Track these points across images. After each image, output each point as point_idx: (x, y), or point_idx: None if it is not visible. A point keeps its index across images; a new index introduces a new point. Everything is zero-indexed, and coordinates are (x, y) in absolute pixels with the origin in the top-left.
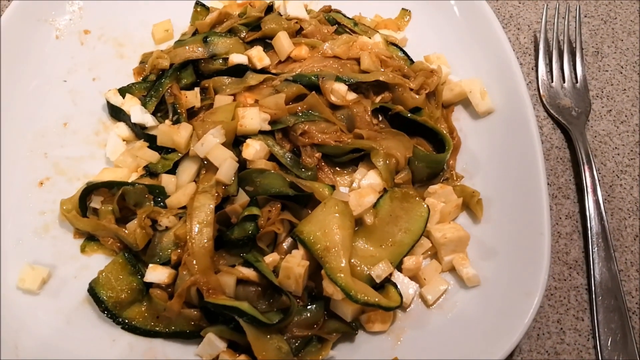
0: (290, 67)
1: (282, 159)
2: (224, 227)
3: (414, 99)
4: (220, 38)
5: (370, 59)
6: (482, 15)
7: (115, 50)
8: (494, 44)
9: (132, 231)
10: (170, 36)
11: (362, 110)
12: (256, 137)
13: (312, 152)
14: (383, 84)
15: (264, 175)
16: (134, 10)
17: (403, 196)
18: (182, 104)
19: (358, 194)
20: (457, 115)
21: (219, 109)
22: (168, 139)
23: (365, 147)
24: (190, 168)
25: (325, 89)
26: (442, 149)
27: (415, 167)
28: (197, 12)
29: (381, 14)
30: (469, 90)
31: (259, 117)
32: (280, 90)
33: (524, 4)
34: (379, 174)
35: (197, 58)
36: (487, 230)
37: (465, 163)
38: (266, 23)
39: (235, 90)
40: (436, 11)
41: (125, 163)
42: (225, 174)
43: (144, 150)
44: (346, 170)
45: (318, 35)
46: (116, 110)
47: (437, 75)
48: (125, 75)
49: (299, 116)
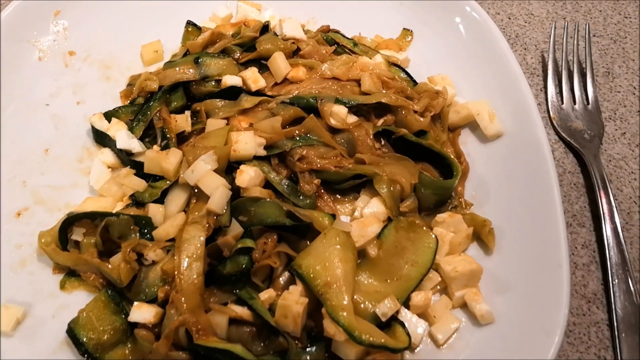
0: (287, 89)
1: (278, 186)
2: (216, 261)
3: (418, 122)
4: (213, 59)
5: (371, 80)
6: (488, 34)
7: (101, 72)
8: (502, 63)
9: (116, 266)
10: (160, 57)
11: (364, 133)
12: (251, 163)
13: (311, 179)
14: (385, 106)
15: (258, 204)
16: (122, 31)
17: (409, 226)
18: (172, 129)
19: (361, 223)
20: (464, 139)
21: (211, 134)
22: (156, 165)
23: (368, 173)
24: (180, 197)
25: (324, 112)
26: (449, 174)
27: (422, 194)
28: (189, 32)
29: (382, 34)
30: (477, 113)
31: (254, 142)
32: (277, 113)
33: (530, 24)
34: (383, 201)
35: (188, 80)
36: (500, 262)
37: (474, 190)
38: (261, 43)
39: (228, 113)
40: (440, 30)
41: (110, 192)
42: (216, 203)
43: (130, 178)
44: (347, 198)
45: (316, 55)
46: (101, 136)
47: (442, 96)
48: (112, 99)
49: (296, 140)
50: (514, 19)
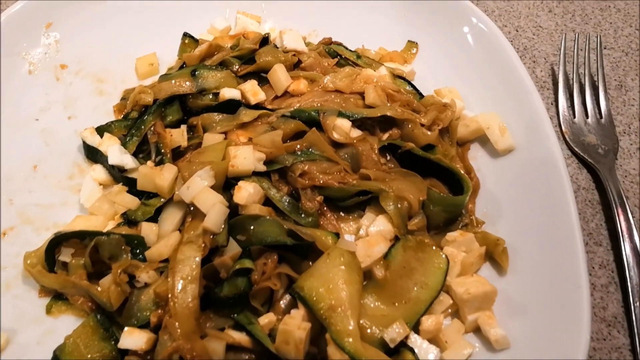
0: (287, 102)
1: (279, 204)
2: (212, 283)
3: (425, 136)
4: (211, 71)
5: (375, 93)
6: (496, 45)
7: (94, 86)
8: (512, 75)
9: (105, 288)
10: (156, 70)
11: (368, 148)
12: (249, 179)
13: (313, 196)
14: (391, 119)
15: (258, 222)
16: (116, 43)
17: (418, 245)
18: (167, 144)
19: (366, 242)
20: (474, 154)
21: (208, 148)
22: (149, 182)
23: (373, 189)
24: (174, 215)
25: (326, 126)
26: (459, 191)
27: (431, 212)
28: (185, 45)
29: (386, 46)
30: (487, 126)
31: (253, 157)
32: (277, 127)
33: (538, 36)
34: (390, 219)
35: (184, 93)
36: (515, 283)
37: (485, 207)
38: (261, 55)
39: (226, 127)
40: (446, 42)
41: (101, 210)
42: (213, 222)
43: (123, 196)
44: (352, 216)
45: (318, 68)
46: (93, 151)
47: (450, 109)
48: (105, 114)
49: (297, 155)
50: (522, 32)
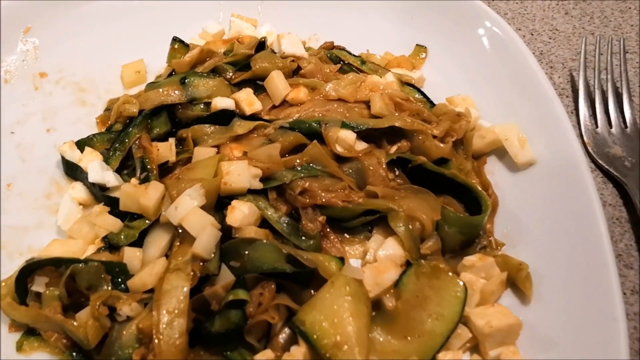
0: (286, 112)
1: (276, 225)
2: (202, 317)
3: (438, 149)
4: (202, 79)
5: (382, 102)
6: (513, 49)
7: (75, 96)
8: (530, 82)
9: (83, 323)
10: (143, 79)
11: (375, 162)
12: (244, 197)
13: (315, 216)
14: (399, 130)
15: (253, 246)
16: (100, 50)
17: (432, 271)
18: (153, 159)
19: (375, 269)
20: (491, 168)
21: (198, 164)
22: (133, 202)
23: (381, 209)
24: (161, 239)
25: (329, 138)
26: (477, 209)
27: (446, 234)
28: (175, 50)
29: (392, 51)
30: (505, 138)
31: (248, 173)
32: (275, 140)
33: (555, 40)
34: (400, 242)
35: (172, 103)
36: (540, 313)
37: (505, 227)
38: (257, 61)
39: (219, 140)
40: (457, 47)
41: (80, 233)
42: (203, 247)
43: (104, 217)
44: (357, 238)
45: (319, 75)
46: (72, 168)
47: (465, 119)
48: (87, 126)
49: (297, 171)
50: (538, 35)
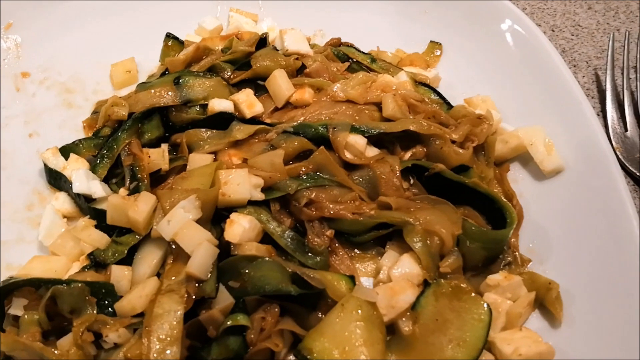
0: (289, 115)
1: (280, 240)
2: (198, 343)
3: (457, 155)
4: (197, 79)
5: (395, 103)
6: (537, 46)
7: (61, 97)
8: (556, 81)
9: (65, 351)
10: (134, 79)
11: (388, 170)
12: (244, 210)
13: (322, 229)
14: (414, 135)
15: (255, 265)
16: (87, 47)
17: (453, 291)
18: (144, 167)
19: (389, 290)
20: (514, 176)
21: (193, 173)
22: (121, 215)
23: (396, 222)
24: (152, 256)
25: (337, 143)
26: (500, 222)
27: (467, 249)
28: (168, 48)
29: (404, 48)
30: (530, 142)
31: (249, 183)
32: (277, 146)
33: (578, 37)
34: (417, 259)
35: (165, 105)
36: (572, 338)
37: (531, 241)
38: (258, 59)
39: (216, 146)
40: (475, 42)
41: (64, 249)
42: (199, 266)
43: (89, 232)
44: (369, 254)
45: (325, 74)
46: (55, 176)
47: (487, 122)
48: (73, 130)
49: (303, 180)
50: (559, 32)
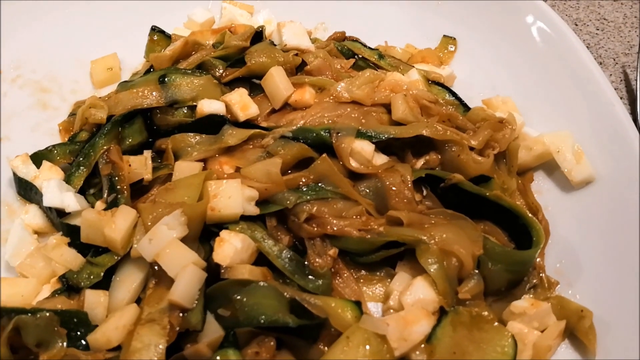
0: (288, 117)
1: (276, 262)
2: None
3: (477, 164)
4: (185, 77)
5: (406, 105)
6: (563, 42)
7: (35, 97)
8: (586, 81)
9: None
10: (116, 77)
11: (399, 180)
12: (237, 226)
13: (324, 248)
14: (427, 140)
15: (248, 290)
16: (65, 41)
17: (473, 321)
18: (123, 177)
19: (401, 320)
20: (539, 187)
21: (179, 184)
22: (96, 233)
23: (408, 241)
24: (132, 278)
25: (341, 150)
26: (525, 240)
27: (489, 272)
28: (154, 42)
29: (415, 43)
30: (556, 150)
31: (241, 195)
32: (274, 153)
33: (603, 31)
34: (433, 284)
35: (149, 107)
36: None
37: (559, 260)
38: (253, 56)
39: (205, 153)
40: (493, 36)
41: (33, 270)
42: (183, 293)
43: (61, 251)
44: (377, 275)
45: (328, 72)
46: (26, 187)
47: (509, 126)
48: (48, 134)
49: (302, 192)
50: (583, 26)
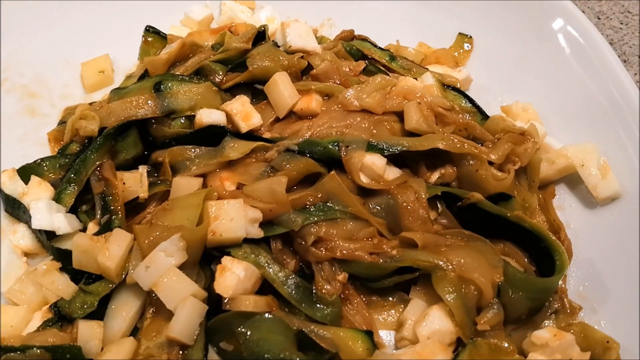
0: (293, 128)
1: (282, 290)
2: None
3: (497, 180)
4: (183, 84)
5: (420, 113)
6: (589, 43)
7: (22, 103)
8: (613, 89)
9: None
10: (109, 80)
11: (413, 198)
12: (239, 250)
13: (333, 273)
14: (443, 153)
15: (252, 323)
16: (55, 42)
17: (492, 353)
18: (117, 195)
19: (416, 355)
20: (560, 202)
21: (178, 204)
22: (89, 260)
23: (423, 267)
24: (128, 308)
25: (351, 165)
26: (547, 264)
27: (509, 300)
28: (148, 44)
29: (428, 42)
30: (581, 163)
31: (244, 217)
32: (279, 169)
33: (628, 25)
34: (449, 313)
35: (144, 117)
36: None
37: (582, 283)
38: (255, 59)
39: (205, 167)
40: (513, 37)
41: (23, 297)
42: (182, 329)
43: (52, 278)
44: (389, 300)
45: (336, 76)
46: (13, 205)
47: (531, 139)
48: (37, 144)
49: (310, 213)
50: (606, 20)
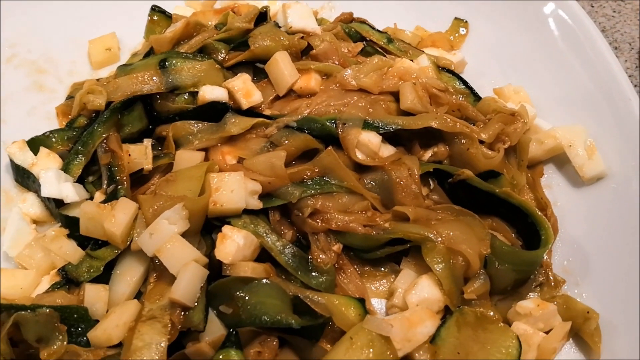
0: (293, 105)
1: (279, 257)
2: None
3: (487, 159)
4: (186, 61)
5: (415, 94)
6: (579, 29)
7: (31, 79)
8: (601, 73)
9: None
10: (115, 57)
11: (406, 174)
12: (239, 220)
13: (328, 243)
14: (436, 131)
15: (250, 288)
16: (62, 20)
17: (478, 321)
18: (123, 167)
19: (406, 321)
20: (548, 181)
21: (180, 175)
22: (96, 226)
23: (414, 238)
24: (132, 273)
25: (347, 142)
26: (533, 239)
27: (495, 271)
28: (153, 23)
29: (425, 25)
30: (568, 144)
31: (244, 189)
32: (279, 144)
33: (620, 13)
34: (438, 283)
35: (149, 93)
36: None
37: (566, 258)
38: (257, 39)
39: (207, 142)
40: (506, 22)
41: (32, 261)
42: (184, 292)
43: (60, 243)
44: (381, 271)
45: (334, 56)
46: (23, 174)
47: (521, 120)
48: (45, 118)
49: (307, 186)
50: (599, 7)
